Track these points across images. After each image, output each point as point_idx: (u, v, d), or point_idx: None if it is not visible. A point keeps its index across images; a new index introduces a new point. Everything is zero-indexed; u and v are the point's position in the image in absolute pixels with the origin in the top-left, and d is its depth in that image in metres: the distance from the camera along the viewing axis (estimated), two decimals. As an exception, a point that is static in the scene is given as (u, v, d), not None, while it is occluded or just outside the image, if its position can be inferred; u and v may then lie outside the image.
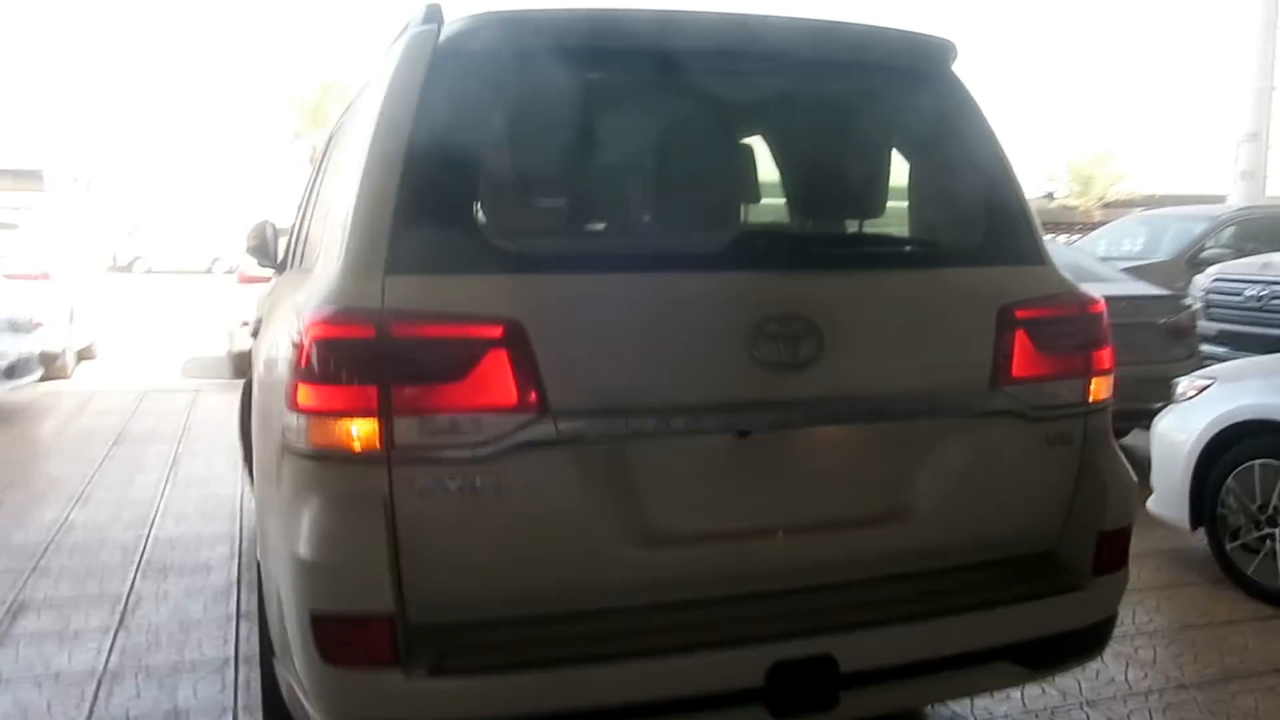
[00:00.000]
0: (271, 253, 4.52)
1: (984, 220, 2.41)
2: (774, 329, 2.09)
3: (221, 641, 3.73)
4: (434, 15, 2.27)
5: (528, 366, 1.95)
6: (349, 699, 1.93)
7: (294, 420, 1.99)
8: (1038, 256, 2.45)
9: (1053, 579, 2.36)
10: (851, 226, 2.52)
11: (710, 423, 2.08)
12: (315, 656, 1.92)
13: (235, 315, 11.61)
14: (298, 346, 1.99)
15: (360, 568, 1.90)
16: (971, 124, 2.43)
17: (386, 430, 1.91)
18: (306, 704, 2.03)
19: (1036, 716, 3.15)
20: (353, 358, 1.94)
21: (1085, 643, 2.40)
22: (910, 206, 2.52)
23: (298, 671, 2.01)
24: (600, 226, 2.49)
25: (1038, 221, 2.48)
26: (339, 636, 1.90)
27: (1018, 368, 2.29)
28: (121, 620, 3.93)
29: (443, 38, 2.14)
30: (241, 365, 11.49)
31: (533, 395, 1.96)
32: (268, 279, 12.26)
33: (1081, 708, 3.20)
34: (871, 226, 2.52)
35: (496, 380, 1.95)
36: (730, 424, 2.10)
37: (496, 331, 1.95)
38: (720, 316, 2.10)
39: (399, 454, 1.92)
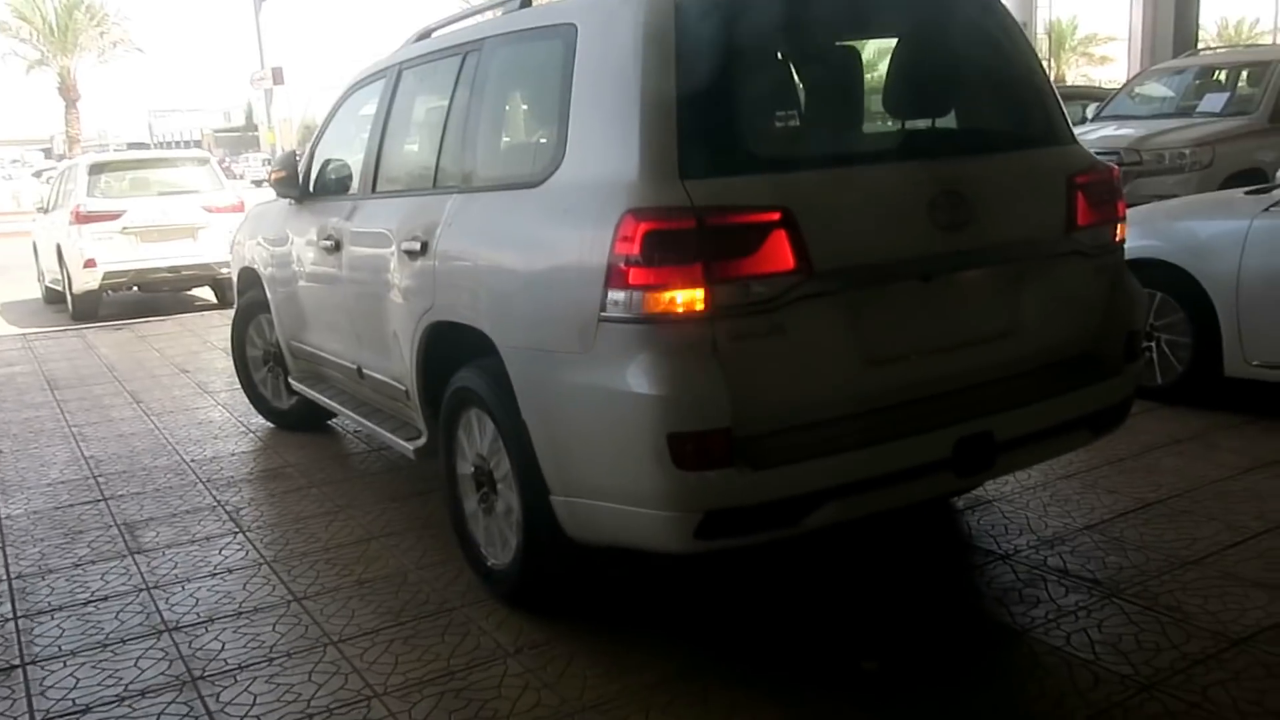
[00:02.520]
0: (298, 183, 4.88)
1: (1042, 111, 3.28)
2: (942, 200, 2.88)
3: (360, 526, 4.20)
4: None
5: (799, 240, 2.65)
6: (700, 493, 2.60)
7: (620, 296, 2.62)
8: (1072, 138, 3.34)
9: (1101, 368, 3.29)
10: (958, 121, 3.31)
11: (909, 270, 2.86)
12: (670, 467, 2.58)
13: (75, 255, 11.28)
14: (626, 239, 2.60)
15: (708, 397, 2.57)
16: (1021, 36, 3.29)
17: (709, 295, 2.58)
18: (645, 510, 2.67)
19: (1032, 490, 4.18)
20: (681, 244, 2.58)
21: (1121, 413, 3.36)
22: (994, 102, 3.33)
23: (642, 484, 2.64)
24: (824, 133, 3.17)
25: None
26: (693, 448, 2.57)
27: (1081, 219, 3.18)
28: (239, 525, 4.34)
29: None
30: (88, 306, 11.22)
31: (804, 261, 2.66)
32: (114, 215, 11.80)
33: (1063, 479, 4.26)
34: (973, 121, 3.32)
35: (779, 252, 2.64)
36: (921, 270, 2.88)
37: (776, 216, 2.64)
38: (910, 193, 2.87)
39: (718, 312, 2.59)
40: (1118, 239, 3.32)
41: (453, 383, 3.45)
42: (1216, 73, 10.47)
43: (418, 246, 3.56)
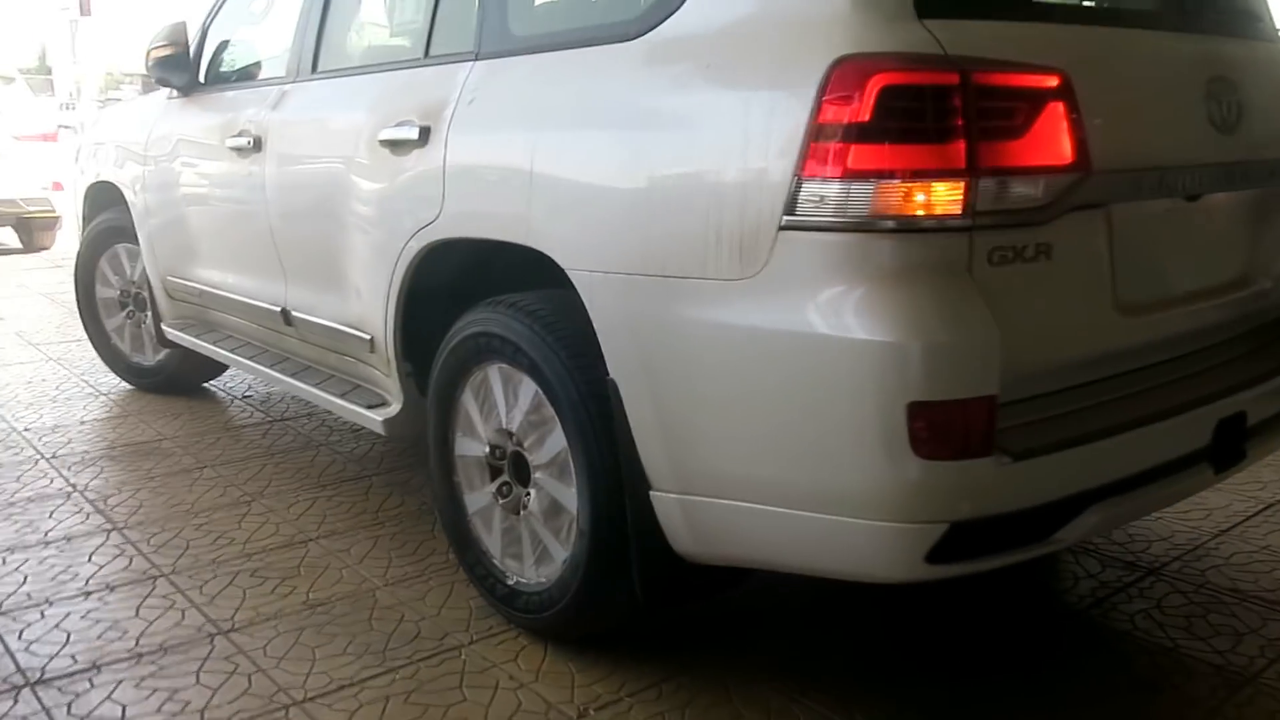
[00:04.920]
0: (189, 67, 3.71)
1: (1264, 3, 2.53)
2: (1217, 88, 2.08)
3: (287, 523, 3.11)
4: None
5: (1077, 123, 1.79)
6: (950, 495, 1.70)
7: (827, 189, 1.69)
8: None
9: None
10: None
11: (1183, 183, 2.04)
12: (908, 454, 1.67)
13: None
14: (843, 99, 1.67)
15: (973, 347, 1.68)
16: None
17: (971, 193, 1.69)
18: (852, 520, 1.76)
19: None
20: (937, 109, 1.67)
21: None
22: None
23: (852, 479, 1.73)
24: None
25: None
26: (947, 426, 1.68)
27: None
28: (109, 519, 3.16)
29: None
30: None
31: (1082, 153, 1.80)
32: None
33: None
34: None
35: (1054, 137, 1.76)
36: (1193, 184, 2.07)
37: (1054, 82, 1.76)
38: (1188, 75, 2.05)
39: (979, 220, 1.70)
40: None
41: (460, 327, 2.44)
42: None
43: (413, 134, 2.51)
